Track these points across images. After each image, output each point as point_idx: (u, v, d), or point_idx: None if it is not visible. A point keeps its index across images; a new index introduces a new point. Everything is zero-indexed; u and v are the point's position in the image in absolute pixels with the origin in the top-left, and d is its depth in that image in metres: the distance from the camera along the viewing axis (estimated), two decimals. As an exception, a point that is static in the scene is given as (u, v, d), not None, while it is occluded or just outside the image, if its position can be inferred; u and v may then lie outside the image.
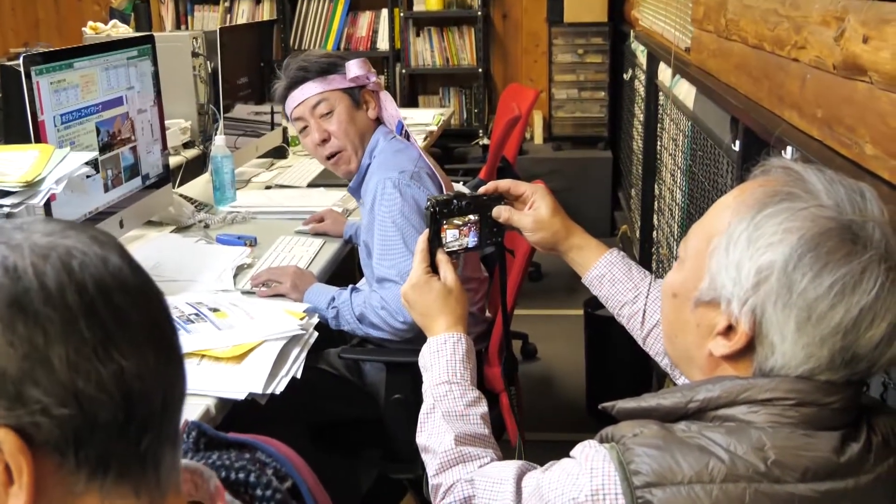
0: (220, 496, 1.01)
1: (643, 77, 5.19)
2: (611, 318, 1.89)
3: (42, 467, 0.80)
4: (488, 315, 3.05)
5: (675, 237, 4.04)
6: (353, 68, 2.84)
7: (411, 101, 7.52)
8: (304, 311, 2.51)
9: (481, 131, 7.43)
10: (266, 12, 7.50)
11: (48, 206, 2.49)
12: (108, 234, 0.90)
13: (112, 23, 5.14)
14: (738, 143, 2.67)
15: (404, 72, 7.44)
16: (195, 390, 2.07)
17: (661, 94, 4.64)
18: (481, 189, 1.83)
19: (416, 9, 7.34)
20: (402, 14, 7.36)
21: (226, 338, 2.27)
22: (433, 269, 1.76)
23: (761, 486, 1.14)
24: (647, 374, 4.19)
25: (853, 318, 1.15)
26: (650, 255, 4.93)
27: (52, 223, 0.88)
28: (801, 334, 1.17)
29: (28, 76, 2.44)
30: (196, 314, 2.39)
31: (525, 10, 7.55)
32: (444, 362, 1.68)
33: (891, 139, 1.60)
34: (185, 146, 4.33)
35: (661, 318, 1.49)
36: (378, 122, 2.92)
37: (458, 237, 1.78)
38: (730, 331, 1.23)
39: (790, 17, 2.22)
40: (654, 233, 4.85)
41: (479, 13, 7.24)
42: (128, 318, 0.84)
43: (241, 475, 1.10)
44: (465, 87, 7.58)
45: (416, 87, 7.69)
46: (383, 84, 2.94)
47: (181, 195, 3.68)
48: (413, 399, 2.63)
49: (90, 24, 4.98)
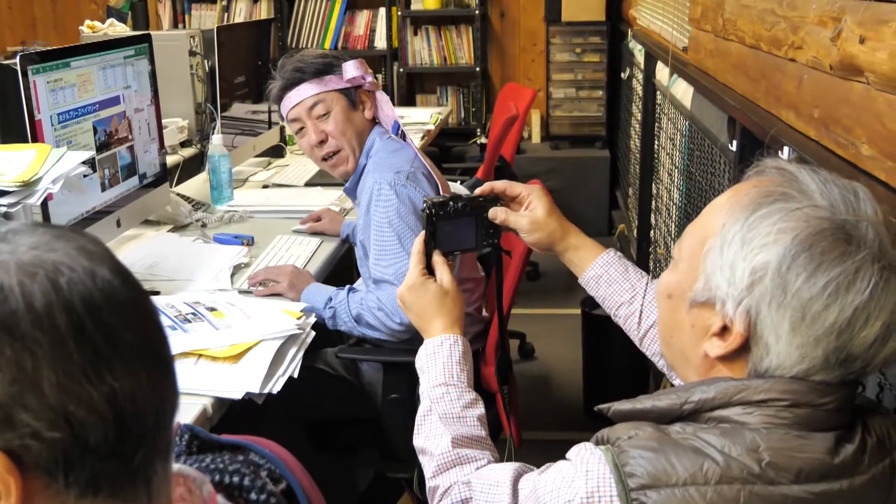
0: (213, 502, 1.00)
1: (641, 76, 5.19)
2: (608, 318, 1.89)
3: (31, 487, 0.78)
4: (485, 314, 3.05)
5: (673, 237, 4.04)
6: (350, 69, 2.84)
7: (409, 100, 7.52)
8: (302, 311, 2.51)
9: (479, 130, 7.43)
10: (263, 11, 7.50)
11: (45, 205, 2.49)
12: (98, 241, 0.87)
13: (109, 21, 5.12)
14: (735, 142, 2.67)
15: (402, 71, 7.44)
16: (192, 390, 2.08)
17: (658, 93, 4.64)
18: (477, 190, 1.83)
19: (414, 7, 7.34)
20: (399, 13, 7.35)
21: (223, 337, 2.27)
22: (429, 270, 1.77)
23: (755, 488, 1.14)
24: (644, 374, 4.20)
25: (847, 318, 1.16)
26: (647, 255, 4.93)
27: (38, 232, 0.86)
28: (796, 335, 1.17)
29: (25, 75, 2.44)
30: (193, 313, 2.39)
31: (523, 9, 7.55)
32: (440, 364, 1.68)
33: (887, 140, 1.61)
34: (183, 145, 4.32)
35: (656, 319, 1.49)
36: (374, 122, 2.92)
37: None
38: (725, 332, 1.24)
39: (787, 18, 2.23)
40: (652, 232, 4.86)
41: (477, 12, 7.24)
42: (119, 337, 0.81)
43: (236, 479, 1.10)
44: (462, 86, 7.58)
45: (413, 86, 7.69)
46: (380, 83, 2.94)
47: (178, 194, 3.68)
48: (410, 399, 2.64)
49: (87, 22, 4.97)
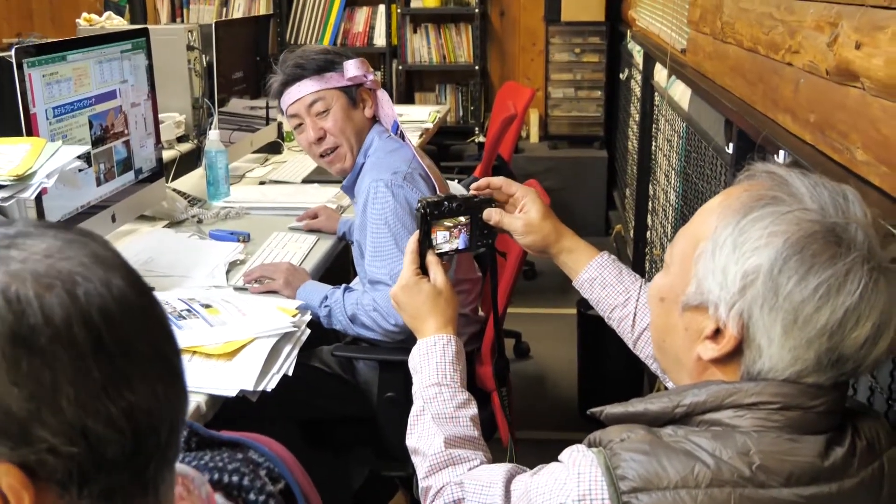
0: (212, 502, 1.01)
1: (639, 77, 5.20)
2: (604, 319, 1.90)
3: (43, 499, 0.77)
4: (482, 314, 3.06)
5: (669, 238, 4.05)
6: (351, 68, 2.84)
7: (407, 98, 7.53)
8: (297, 309, 2.52)
9: (477, 129, 7.43)
10: (262, 6, 7.49)
11: (39, 199, 2.49)
12: (107, 244, 0.86)
13: (106, 15, 5.13)
14: (731, 145, 2.68)
15: (401, 68, 7.44)
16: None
17: (656, 94, 4.65)
18: (473, 185, 1.84)
19: (414, 5, 7.33)
20: (399, 10, 7.35)
21: (217, 334, 2.28)
22: (423, 270, 1.77)
23: (746, 491, 1.15)
24: (639, 375, 4.21)
25: (838, 320, 1.17)
26: (644, 255, 4.94)
27: (48, 236, 0.83)
28: (788, 337, 1.18)
29: (20, 68, 2.44)
30: (188, 310, 2.40)
31: (523, 9, 7.55)
32: (433, 364, 1.69)
33: (881, 145, 1.62)
34: (179, 140, 4.33)
35: (649, 322, 1.50)
36: (374, 120, 2.93)
37: (448, 239, 1.79)
38: (718, 335, 1.25)
39: (785, 22, 2.24)
40: (648, 233, 4.86)
41: (477, 10, 7.24)
42: (135, 349, 0.80)
43: (235, 478, 1.10)
44: (461, 84, 7.59)
45: (412, 84, 7.70)
46: (380, 82, 2.94)
47: (174, 190, 3.69)
48: (406, 398, 2.64)
49: (84, 15, 4.97)
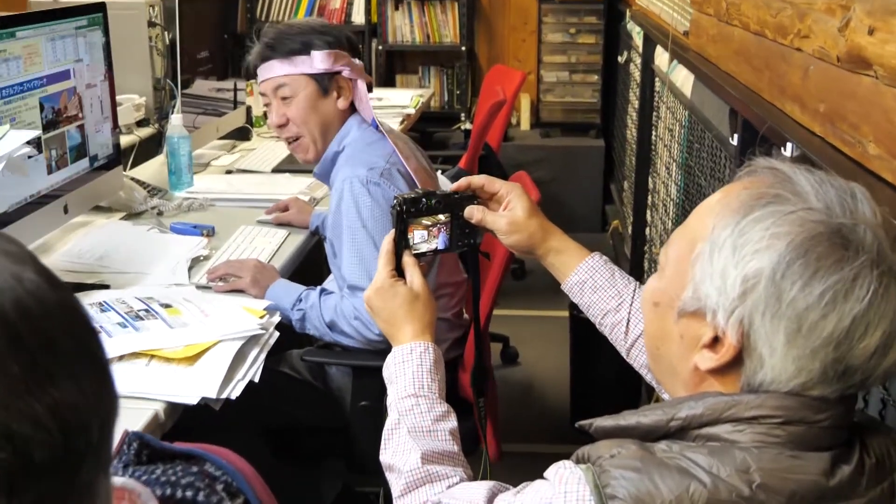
0: None
1: (639, 61, 5.21)
2: (598, 322, 1.90)
3: None
4: (466, 318, 3.05)
5: (669, 234, 4.05)
6: (317, 61, 2.83)
7: (388, 81, 7.50)
8: (265, 309, 2.52)
9: (463, 115, 7.43)
10: (231, -20, 7.48)
11: (-15, 188, 2.49)
12: (15, 240, 0.86)
13: (62, -12, 5.11)
14: (736, 136, 2.69)
15: (381, 48, 7.43)
16: (143, 394, 2.07)
17: (657, 79, 4.66)
18: (453, 186, 1.83)
19: (395, -20, 7.34)
20: (379, -15, 7.35)
21: (178, 337, 2.27)
22: (400, 272, 1.77)
23: (745, 512, 1.15)
24: (636, 383, 4.20)
25: (846, 328, 1.16)
26: (642, 254, 4.95)
27: None
28: (792, 346, 1.18)
29: (-34, 46, 2.43)
30: (146, 310, 2.39)
31: (513, -15, 7.57)
32: (409, 374, 1.68)
33: (895, 139, 1.62)
34: (139, 124, 4.31)
35: (643, 329, 1.50)
36: (352, 110, 2.92)
37: (426, 238, 1.78)
38: (716, 343, 1.24)
39: (794, 4, 2.24)
40: (648, 230, 4.88)
41: (464, -14, 7.24)
42: (56, 343, 0.80)
43: (189, 493, 1.09)
44: (446, 66, 7.57)
45: (393, 66, 7.68)
46: (363, 68, 2.92)
47: (133, 179, 3.67)
48: (380, 406, 2.63)
49: (38, -11, 4.95)
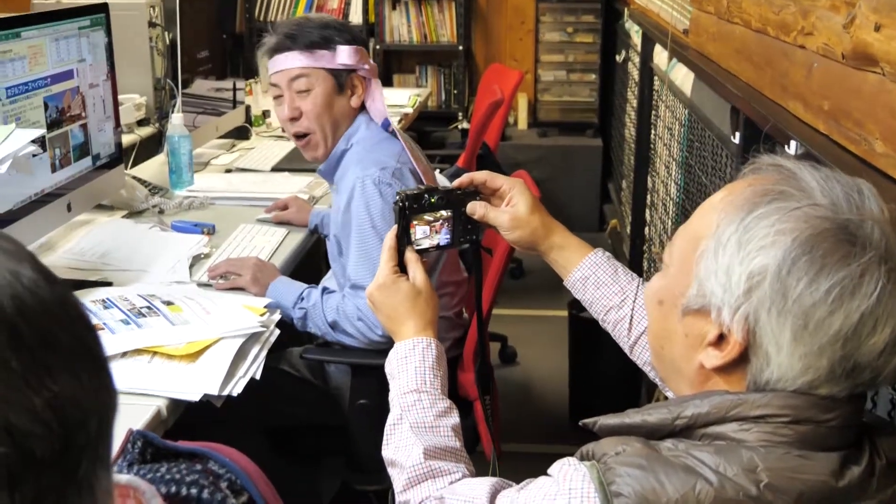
0: None
1: (637, 60, 5.20)
2: (598, 321, 1.89)
3: None
4: (465, 317, 3.05)
5: (669, 234, 4.05)
6: (344, 55, 2.81)
7: (385, 80, 7.48)
8: (266, 307, 2.51)
9: (461, 114, 7.43)
10: (230, -20, 7.47)
11: (-12, 186, 2.48)
12: (12, 238, 0.86)
13: (62, -12, 5.10)
14: (738, 134, 2.68)
15: (378, 48, 7.42)
16: (145, 390, 2.07)
17: (656, 78, 4.65)
18: (455, 182, 1.82)
19: (393, -20, 7.33)
20: (377, -15, 7.34)
21: (180, 334, 2.27)
22: (402, 268, 1.76)
23: (752, 512, 1.14)
24: (636, 383, 4.20)
25: (853, 325, 1.15)
26: (641, 253, 4.95)
27: None
28: (798, 344, 1.17)
29: (-31, 45, 2.43)
30: (148, 307, 2.39)
31: (511, -16, 7.56)
32: (412, 369, 1.68)
33: (902, 136, 1.61)
34: (140, 124, 4.31)
35: (646, 326, 1.49)
36: (362, 109, 2.91)
37: (428, 234, 1.78)
38: (721, 341, 1.24)
39: (797, 1, 2.23)
40: (647, 229, 4.87)
41: (462, -14, 7.23)
42: (54, 338, 0.80)
43: (193, 490, 1.08)
44: (443, 65, 7.57)
45: (390, 65, 7.68)
46: (377, 70, 2.91)
47: (134, 177, 3.66)
48: (380, 405, 2.61)
49: (38, -12, 4.94)
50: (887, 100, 1.67)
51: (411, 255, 1.76)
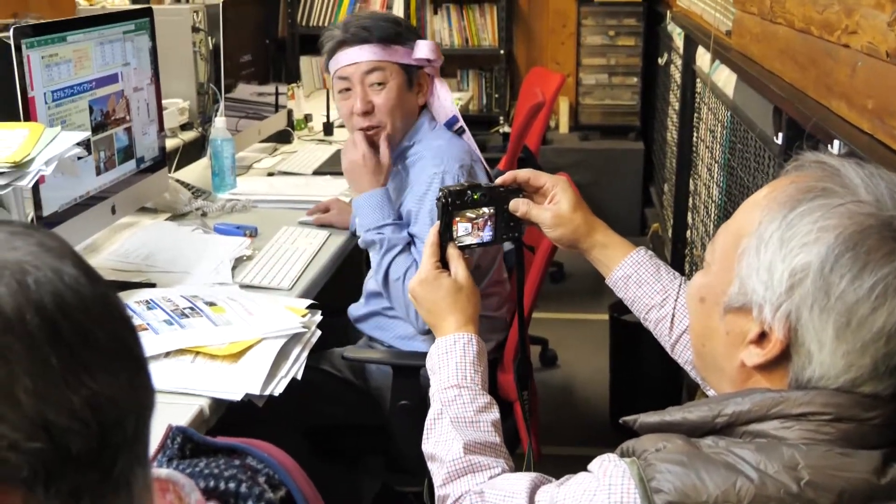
0: None
1: (679, 62, 5.17)
2: (639, 324, 1.88)
3: (8, 501, 0.77)
4: (508, 320, 3.04)
5: (711, 237, 4.02)
6: (424, 48, 2.82)
7: (427, 84, 7.48)
8: (307, 308, 2.51)
9: (502, 118, 7.42)
10: (273, -15, 7.49)
11: (36, 189, 2.50)
12: (56, 236, 0.87)
13: (107, -7, 5.15)
14: (780, 135, 2.66)
15: (421, 52, 7.40)
16: (188, 389, 2.09)
17: (698, 80, 4.63)
18: (498, 180, 1.83)
19: (435, -16, 7.32)
20: (419, -11, 7.34)
21: (222, 334, 2.28)
22: (444, 264, 1.77)
23: (793, 509, 1.13)
24: (677, 386, 4.18)
25: None
26: (683, 257, 4.92)
27: None
28: (841, 341, 1.16)
29: (18, 49, 2.45)
30: (191, 308, 2.40)
31: (553, -12, 7.54)
32: (453, 364, 1.68)
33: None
34: (183, 128, 4.34)
35: (688, 325, 1.49)
36: (423, 108, 2.91)
37: (470, 231, 1.79)
38: (763, 338, 1.23)
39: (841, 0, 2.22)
40: (688, 232, 4.84)
41: (503, -10, 7.22)
42: (93, 336, 0.81)
43: (232, 485, 1.09)
44: (485, 69, 7.56)
45: (433, 69, 7.66)
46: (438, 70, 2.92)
47: (177, 180, 3.70)
48: (421, 406, 2.63)
49: (84, -6, 4.99)
50: (931, 97, 1.66)
51: (453, 251, 1.77)
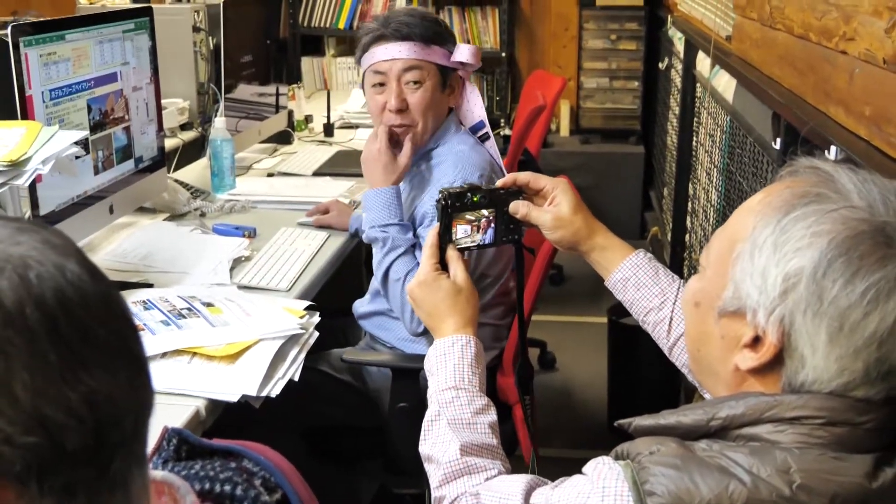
0: None
1: (680, 67, 5.18)
2: (637, 327, 1.89)
3: (1, 497, 0.78)
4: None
5: (709, 241, 4.03)
6: (465, 52, 2.82)
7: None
8: (305, 309, 2.52)
9: (503, 121, 7.41)
10: (274, -14, 7.49)
11: (33, 188, 2.51)
12: (61, 233, 0.87)
13: (108, -8, 5.15)
14: (779, 140, 2.67)
15: (422, 54, 7.39)
16: (184, 390, 2.09)
17: (698, 85, 4.64)
18: (499, 182, 1.84)
19: (437, -14, 7.32)
20: (421, -9, 7.34)
21: (219, 335, 2.29)
22: (443, 266, 1.77)
23: (785, 512, 1.14)
24: (675, 390, 4.18)
25: (889, 327, 1.15)
26: (682, 260, 4.93)
27: None
28: (834, 346, 1.17)
29: (16, 47, 2.45)
30: (188, 308, 2.41)
31: (554, -9, 7.55)
32: (451, 366, 1.69)
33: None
34: (183, 128, 4.34)
35: (683, 329, 1.49)
36: (451, 111, 2.91)
37: (469, 233, 1.79)
38: (757, 343, 1.24)
39: (839, 6, 2.23)
40: (687, 236, 4.85)
41: (505, -7, 7.22)
42: (94, 334, 0.81)
43: (227, 487, 1.10)
44: (486, 72, 7.55)
45: (434, 71, 7.65)
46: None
47: (176, 180, 3.70)
48: (420, 408, 2.62)
49: (84, -7, 4.99)
50: (928, 104, 1.66)
51: (453, 253, 1.77)
